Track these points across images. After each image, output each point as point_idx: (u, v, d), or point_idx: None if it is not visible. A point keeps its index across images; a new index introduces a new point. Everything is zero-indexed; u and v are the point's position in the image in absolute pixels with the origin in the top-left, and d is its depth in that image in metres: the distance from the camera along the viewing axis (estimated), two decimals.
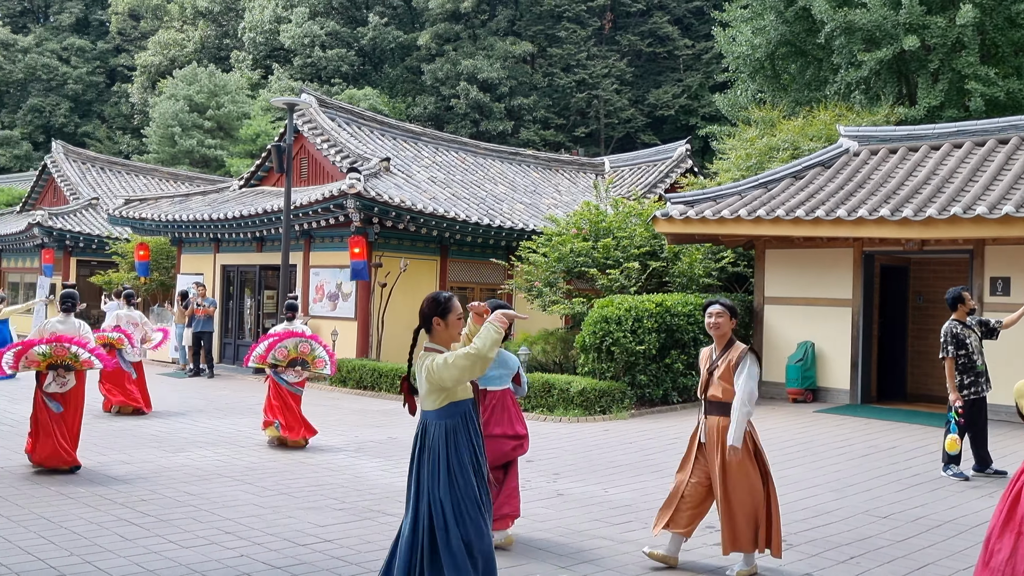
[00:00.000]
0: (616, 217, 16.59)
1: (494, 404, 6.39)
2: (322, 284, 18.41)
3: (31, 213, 28.22)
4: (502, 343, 4.42)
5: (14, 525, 6.59)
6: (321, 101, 20.73)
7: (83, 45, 53.14)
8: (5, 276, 31.34)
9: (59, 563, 5.71)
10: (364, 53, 43.56)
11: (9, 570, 5.53)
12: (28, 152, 49.34)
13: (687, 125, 40.15)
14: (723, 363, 5.83)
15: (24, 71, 50.60)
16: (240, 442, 10.61)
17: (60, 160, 30.05)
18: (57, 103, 51.08)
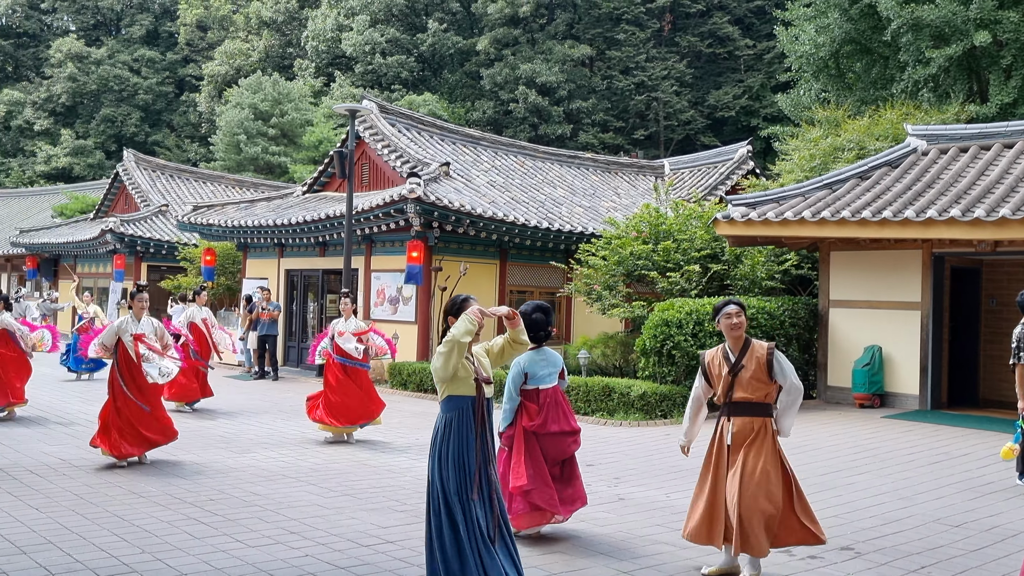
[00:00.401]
0: (676, 220, 16.44)
1: (548, 402, 6.54)
2: (383, 288, 18.61)
3: (104, 220, 29.16)
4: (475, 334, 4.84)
5: (89, 523, 6.80)
6: (382, 107, 20.98)
7: (153, 56, 54.67)
8: (80, 281, 32.37)
9: (132, 560, 5.87)
10: (423, 59, 43.97)
11: (84, 567, 5.71)
12: (101, 161, 50.92)
13: (748, 126, 39.61)
14: (750, 363, 5.70)
15: (97, 82, 52.26)
16: (304, 444, 10.78)
17: (131, 168, 30.95)
18: (128, 113, 52.62)
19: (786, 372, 5.72)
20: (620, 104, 41.81)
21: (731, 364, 5.77)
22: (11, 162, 53.47)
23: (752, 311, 13.80)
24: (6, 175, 52.52)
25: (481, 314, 4.83)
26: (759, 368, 5.69)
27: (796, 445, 10.79)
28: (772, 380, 5.72)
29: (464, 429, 4.86)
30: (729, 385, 5.76)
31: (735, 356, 5.78)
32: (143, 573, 5.61)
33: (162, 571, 5.67)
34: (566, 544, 6.51)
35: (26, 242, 32.57)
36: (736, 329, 5.77)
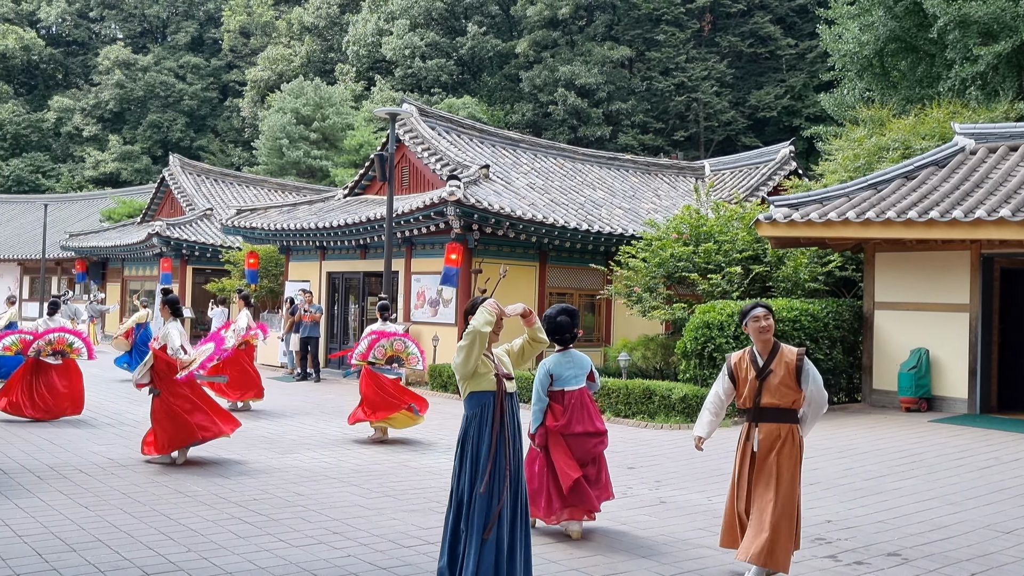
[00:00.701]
0: (717, 221, 16.31)
1: (573, 403, 6.68)
2: (423, 290, 18.71)
3: (150, 224, 29.68)
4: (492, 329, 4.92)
5: (136, 521, 6.92)
6: (421, 110, 21.10)
7: (198, 63, 55.58)
8: (127, 284, 33.01)
9: (178, 559, 5.97)
10: (463, 62, 44.14)
11: (132, 564, 5.82)
12: (148, 166, 51.86)
13: (790, 126, 39.17)
14: (779, 368, 5.59)
15: (144, 89, 53.25)
16: (346, 444, 10.88)
17: (177, 173, 31.49)
18: (174, 118, 53.54)
19: (813, 379, 5.61)
20: (660, 105, 41.58)
21: (759, 368, 5.64)
22: (61, 167, 54.67)
23: (795, 313, 13.65)
24: (56, 180, 53.70)
25: (498, 307, 4.90)
26: (788, 374, 5.57)
27: (840, 449, 10.64)
28: (800, 387, 5.60)
29: (484, 426, 4.93)
30: (756, 390, 5.63)
31: (763, 360, 5.66)
32: (189, 571, 5.70)
33: (208, 569, 5.75)
34: (607, 547, 6.49)
35: (75, 245, 33.29)
36: (765, 332, 5.65)
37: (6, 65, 56.47)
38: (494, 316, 4.88)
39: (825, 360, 14.09)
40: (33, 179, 53.56)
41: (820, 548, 6.44)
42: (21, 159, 54.04)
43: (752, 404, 5.66)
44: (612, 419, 13.25)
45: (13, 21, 57.55)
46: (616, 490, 8.39)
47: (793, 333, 13.53)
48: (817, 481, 8.77)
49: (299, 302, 19.30)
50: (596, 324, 20.12)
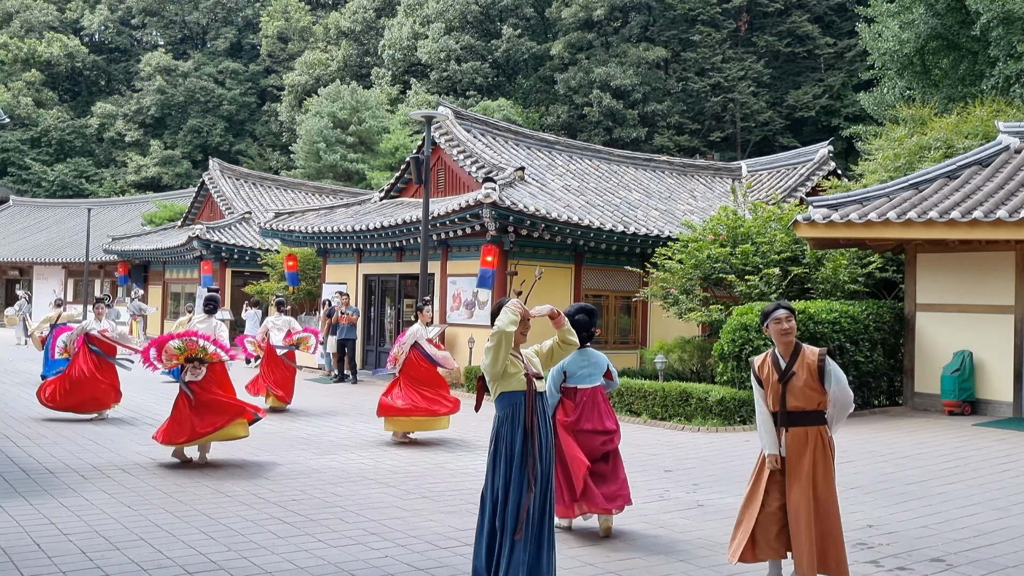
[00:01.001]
0: (755, 222, 16.17)
1: (584, 401, 6.77)
2: (459, 292, 18.77)
3: (191, 227, 30.13)
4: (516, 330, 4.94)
5: (178, 521, 7.02)
6: (457, 113, 21.18)
7: (236, 68, 56.31)
8: (168, 286, 33.51)
9: (219, 558, 6.04)
10: (498, 65, 44.23)
11: (174, 563, 5.90)
12: (188, 170, 52.65)
13: (829, 126, 38.72)
14: (801, 370, 5.46)
15: (184, 94, 54.07)
16: (383, 446, 10.94)
17: (216, 177, 31.92)
18: (213, 123, 54.30)
19: (836, 379, 5.46)
20: (696, 106, 41.33)
21: (781, 371, 5.51)
22: (104, 172, 55.67)
23: (835, 315, 13.48)
24: (99, 185, 54.70)
25: (522, 307, 4.93)
26: (810, 375, 5.44)
27: (881, 453, 10.49)
28: (824, 388, 5.47)
29: (516, 425, 4.96)
30: (780, 394, 5.50)
31: (785, 362, 5.52)
32: (230, 570, 5.77)
33: (247, 568, 5.82)
34: (645, 549, 6.45)
35: (118, 249, 33.87)
36: (787, 335, 5.50)
37: (51, 72, 57.64)
38: (518, 316, 4.91)
39: (865, 363, 13.90)
40: (77, 184, 54.61)
41: (862, 553, 6.35)
42: (65, 164, 55.12)
43: (779, 408, 5.53)
44: (648, 421, 13.19)
45: (58, 29, 58.76)
46: (653, 493, 8.37)
47: (832, 335, 13.37)
48: (858, 485, 8.65)
49: (336, 304, 19.45)
50: (632, 326, 20.03)
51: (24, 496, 7.75)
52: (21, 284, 40.13)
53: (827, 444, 5.50)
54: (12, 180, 54.54)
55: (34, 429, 11.57)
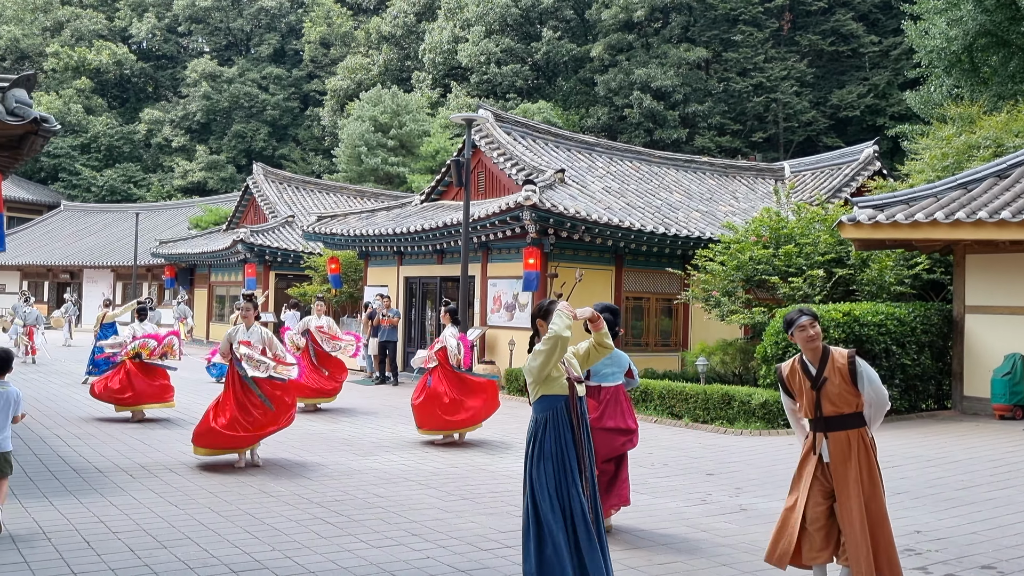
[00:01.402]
0: (798, 223, 15.98)
1: (608, 399, 6.85)
2: (499, 295, 18.80)
3: (235, 231, 30.56)
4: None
5: (223, 520, 7.13)
6: (497, 116, 21.23)
7: (280, 74, 57.04)
8: (213, 289, 34.03)
9: (262, 557, 6.12)
10: (538, 67, 44.25)
11: (219, 562, 5.99)
12: (232, 175, 53.44)
13: (874, 126, 38.13)
14: (833, 375, 5.34)
15: (229, 100, 54.90)
16: (423, 448, 10.99)
17: (260, 181, 32.35)
18: (257, 128, 55.04)
19: (869, 379, 5.34)
20: (737, 106, 40.96)
21: (812, 378, 5.39)
22: (151, 177, 56.73)
23: (880, 317, 13.27)
24: (147, 190, 55.75)
25: (571, 310, 4.93)
26: (843, 379, 5.32)
27: (929, 458, 10.30)
28: (858, 390, 5.34)
29: (560, 427, 4.94)
30: (815, 401, 5.39)
31: (816, 369, 5.40)
32: (274, 569, 5.84)
33: (291, 568, 5.89)
34: (687, 553, 6.41)
35: (164, 252, 34.50)
36: (813, 341, 5.38)
37: (100, 80, 58.90)
38: (571, 320, 4.92)
39: (912, 365, 13.66)
40: (125, 189, 55.72)
41: (910, 559, 6.24)
42: (114, 170, 56.28)
43: (815, 415, 5.43)
44: (690, 424, 13.10)
45: (106, 37, 60.02)
46: (695, 496, 8.32)
47: (878, 338, 13.16)
48: (905, 490, 8.51)
49: (377, 307, 19.60)
50: (673, 328, 19.90)
51: (74, 494, 7.92)
52: (72, 287, 41.03)
53: (869, 446, 5.40)
54: (63, 186, 55.82)
55: (84, 429, 11.82)
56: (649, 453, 10.72)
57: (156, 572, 5.73)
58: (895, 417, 13.44)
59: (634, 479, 9.00)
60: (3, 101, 8.21)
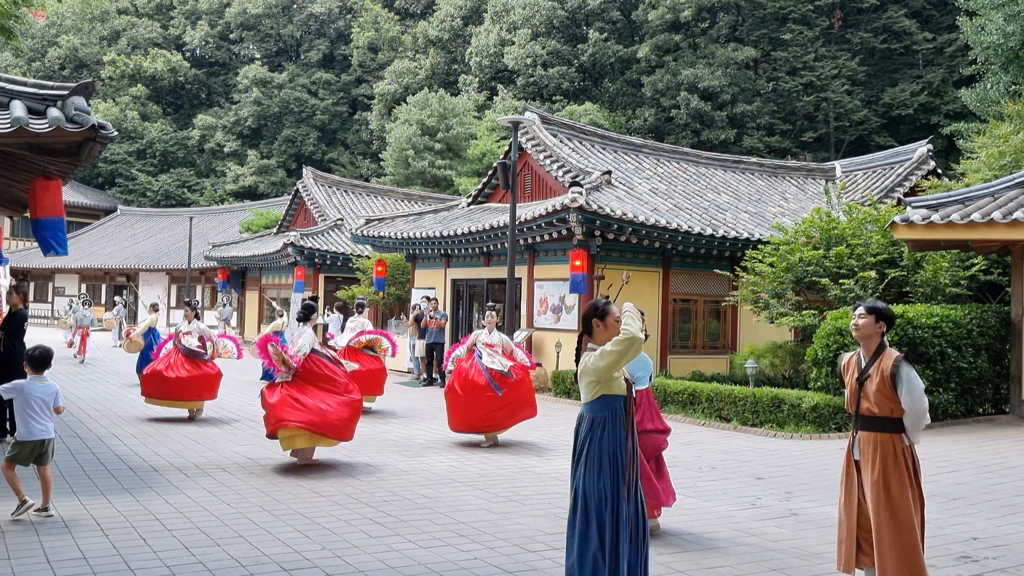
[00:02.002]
0: (849, 224, 15.73)
1: (643, 402, 7.02)
2: (546, 297, 18.81)
3: (285, 234, 31.01)
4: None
5: (274, 519, 7.24)
6: (543, 118, 21.24)
7: (329, 79, 57.76)
8: (264, 292, 34.56)
9: (313, 556, 6.21)
10: (584, 69, 44.18)
11: (271, 560, 6.09)
12: (283, 179, 54.24)
13: (928, 124, 37.35)
14: (875, 373, 5.28)
15: (279, 105, 55.75)
16: (471, 449, 11.04)
17: (310, 185, 32.78)
18: (307, 133, 55.80)
19: (908, 389, 5.21)
20: (787, 106, 40.44)
21: (859, 372, 5.39)
22: (204, 182, 57.84)
23: (935, 319, 13.00)
24: (200, 194, 56.84)
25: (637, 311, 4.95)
26: (883, 380, 5.24)
27: (986, 463, 10.07)
28: (897, 395, 5.24)
29: (618, 427, 4.89)
30: (856, 394, 5.37)
31: (865, 363, 5.39)
32: (324, 568, 5.92)
33: (341, 567, 5.96)
34: (736, 557, 6.35)
35: (217, 255, 35.13)
36: (856, 331, 5.39)
37: (155, 87, 60.23)
38: (641, 321, 4.96)
39: (969, 369, 13.36)
40: (179, 193, 56.87)
41: (966, 567, 6.11)
42: (169, 175, 57.49)
43: (854, 409, 5.41)
44: (739, 428, 12.97)
45: (161, 45, 61.35)
46: (744, 500, 8.24)
47: (933, 340, 12.90)
48: (961, 496, 8.33)
49: (424, 309, 19.73)
50: (721, 331, 19.72)
51: (131, 492, 8.11)
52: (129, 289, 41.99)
53: (901, 453, 5.26)
54: (120, 191, 57.16)
55: (140, 428, 12.10)
56: (697, 456, 10.64)
57: (210, 569, 5.85)
58: (951, 421, 13.15)
59: (682, 482, 8.95)
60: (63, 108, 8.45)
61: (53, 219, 9.25)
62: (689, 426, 13.45)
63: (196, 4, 62.44)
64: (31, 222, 9.49)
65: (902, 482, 5.22)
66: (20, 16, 17.51)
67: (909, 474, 5.26)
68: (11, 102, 8.57)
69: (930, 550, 6.56)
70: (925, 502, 5.40)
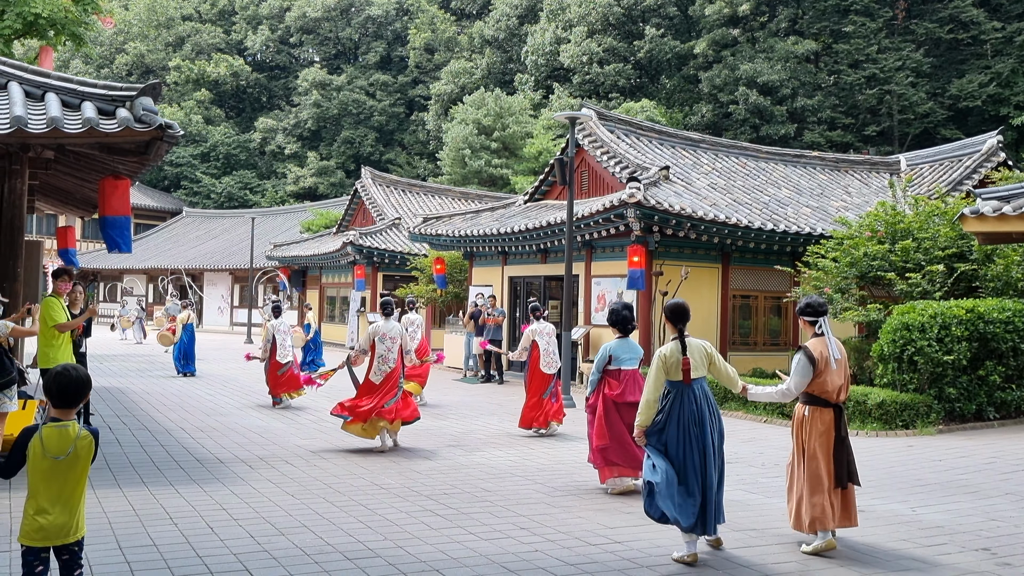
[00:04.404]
0: (916, 217, 15.34)
1: (627, 379, 8.28)
2: (603, 293, 18.72)
3: (345, 233, 31.39)
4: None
5: (337, 510, 7.34)
6: (600, 114, 21.14)
7: (386, 80, 58.36)
8: (324, 290, 35.05)
9: (376, 546, 6.27)
10: (640, 66, 43.88)
11: (335, 549, 6.17)
12: (341, 179, 54.98)
13: (996, 116, 36.23)
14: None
15: (338, 107, 56.50)
16: (529, 444, 11.05)
17: (368, 184, 33.16)
18: (365, 134, 56.45)
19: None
20: (848, 100, 39.62)
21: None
22: (265, 184, 58.91)
23: (1008, 314, 12.62)
24: (262, 195, 57.92)
25: None
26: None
27: None
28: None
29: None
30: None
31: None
32: (386, 558, 5.97)
33: (403, 558, 6.01)
34: (803, 555, 6.24)
35: (279, 255, 35.74)
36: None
37: (218, 91, 61.54)
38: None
39: None
40: (242, 195, 58.02)
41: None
42: (231, 177, 58.69)
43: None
44: None
45: (224, 50, 62.67)
46: None
47: (1005, 335, 12.51)
48: None
49: (482, 305, 19.79)
50: (783, 328, 19.40)
51: (198, 483, 8.29)
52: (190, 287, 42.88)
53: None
54: (185, 193, 58.54)
55: (205, 422, 12.36)
56: (759, 453, 10.49)
57: (275, 557, 5.95)
58: (1022, 419, 12.76)
59: (744, 479, 8.84)
60: (131, 109, 8.68)
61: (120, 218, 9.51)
62: (750, 423, 13.26)
63: (257, 9, 63.61)
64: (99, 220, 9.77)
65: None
66: (89, 23, 18.05)
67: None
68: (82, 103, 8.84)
69: (1007, 548, 6.37)
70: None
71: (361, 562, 5.88)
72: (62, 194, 13.26)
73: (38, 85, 9.32)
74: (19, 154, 9.38)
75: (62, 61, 56.13)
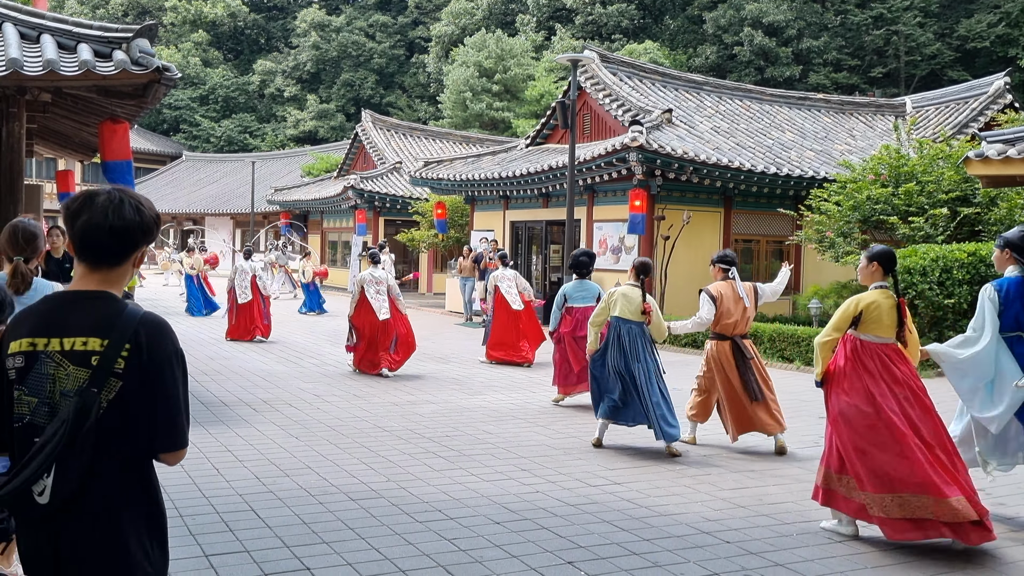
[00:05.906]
0: (920, 160, 15.24)
1: (579, 317, 9.66)
2: (605, 238, 18.70)
3: (345, 178, 31.26)
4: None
5: (341, 452, 7.44)
6: (602, 56, 20.86)
7: (386, 21, 57.45)
8: (326, 235, 35.01)
9: (378, 487, 6.37)
10: (644, 6, 43.16)
11: (338, 490, 6.27)
12: (342, 123, 54.48)
13: (1005, 57, 35.75)
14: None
15: (337, 49, 55.73)
16: (531, 388, 11.15)
17: (369, 128, 32.89)
18: (365, 77, 55.77)
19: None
20: (855, 41, 39.04)
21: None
22: (265, 127, 58.41)
23: None
24: (262, 139, 57.47)
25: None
26: None
27: None
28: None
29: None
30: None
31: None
32: (389, 499, 6.07)
33: (405, 498, 6.11)
34: (803, 483, 6.34)
35: (279, 199, 35.65)
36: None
37: (216, 33, 60.65)
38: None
39: None
40: (241, 139, 57.57)
41: None
42: (231, 120, 58.17)
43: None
44: (802, 368, 12.83)
45: None
46: (808, 439, 8.25)
47: None
48: None
49: (484, 250, 19.78)
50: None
51: (203, 426, 8.39)
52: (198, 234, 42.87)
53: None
54: (184, 137, 58.09)
55: (209, 366, 12.46)
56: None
57: (280, 498, 6.04)
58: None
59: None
60: (128, 51, 8.57)
61: (121, 162, 9.47)
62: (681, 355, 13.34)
63: None
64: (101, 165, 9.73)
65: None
66: None
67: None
68: (78, 45, 8.73)
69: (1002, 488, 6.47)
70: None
71: (365, 502, 5.98)
72: (61, 137, 13.16)
73: (33, 27, 9.19)
74: (16, 97, 9.29)
75: (57, 1, 55.25)
